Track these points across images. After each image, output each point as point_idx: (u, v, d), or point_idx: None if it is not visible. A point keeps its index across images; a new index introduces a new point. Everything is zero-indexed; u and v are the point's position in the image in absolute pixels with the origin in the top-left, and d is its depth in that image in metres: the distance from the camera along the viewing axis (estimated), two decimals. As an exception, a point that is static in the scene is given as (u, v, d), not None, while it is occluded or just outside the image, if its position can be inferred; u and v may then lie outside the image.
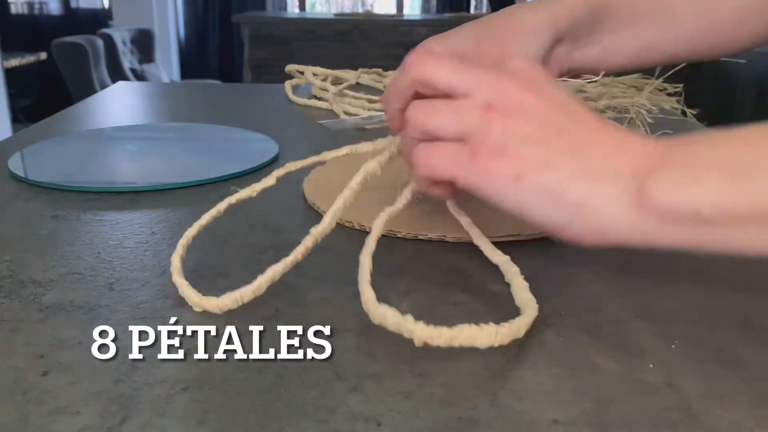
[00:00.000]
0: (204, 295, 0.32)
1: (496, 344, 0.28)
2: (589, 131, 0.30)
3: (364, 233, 0.41)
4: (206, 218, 0.36)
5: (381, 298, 0.32)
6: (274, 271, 0.32)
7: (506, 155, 0.29)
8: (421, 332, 0.27)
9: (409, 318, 0.27)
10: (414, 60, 0.33)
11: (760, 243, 0.27)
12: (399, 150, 0.36)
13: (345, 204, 0.34)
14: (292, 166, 0.38)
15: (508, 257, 0.35)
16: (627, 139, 0.30)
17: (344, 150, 0.37)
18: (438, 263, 0.37)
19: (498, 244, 0.39)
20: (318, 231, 0.33)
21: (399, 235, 0.40)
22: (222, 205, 0.36)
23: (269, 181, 0.37)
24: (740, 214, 0.26)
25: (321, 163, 0.38)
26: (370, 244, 0.32)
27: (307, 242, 0.33)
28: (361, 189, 0.35)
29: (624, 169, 0.29)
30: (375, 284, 0.30)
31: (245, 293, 0.31)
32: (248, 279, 0.34)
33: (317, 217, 0.43)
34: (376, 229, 0.34)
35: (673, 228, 0.28)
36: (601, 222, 0.29)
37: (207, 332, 0.29)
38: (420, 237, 0.39)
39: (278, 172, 0.37)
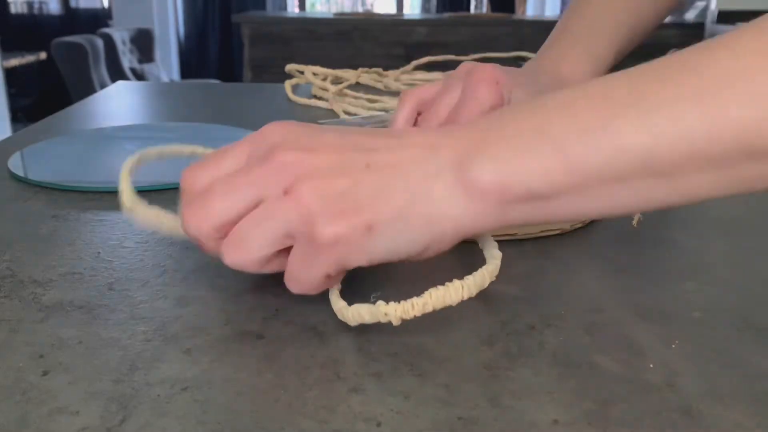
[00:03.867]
0: (204, 294, 0.32)
1: (465, 297, 0.28)
2: (394, 148, 0.28)
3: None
4: (170, 148, 0.38)
5: (380, 298, 0.32)
6: None
7: (339, 220, 0.26)
8: (395, 311, 0.27)
9: (381, 303, 0.28)
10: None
11: (596, 206, 0.27)
12: None
13: None
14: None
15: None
16: (441, 134, 0.29)
17: None
18: (438, 263, 0.37)
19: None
20: None
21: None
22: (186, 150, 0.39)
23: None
24: (571, 183, 0.26)
25: None
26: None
27: None
28: None
29: (445, 162, 0.27)
30: (375, 284, 0.31)
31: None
32: (248, 279, 0.34)
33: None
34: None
35: (516, 207, 0.27)
36: (448, 222, 0.28)
37: (207, 332, 0.29)
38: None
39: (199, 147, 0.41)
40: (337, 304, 0.30)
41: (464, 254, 0.34)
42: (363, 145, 0.28)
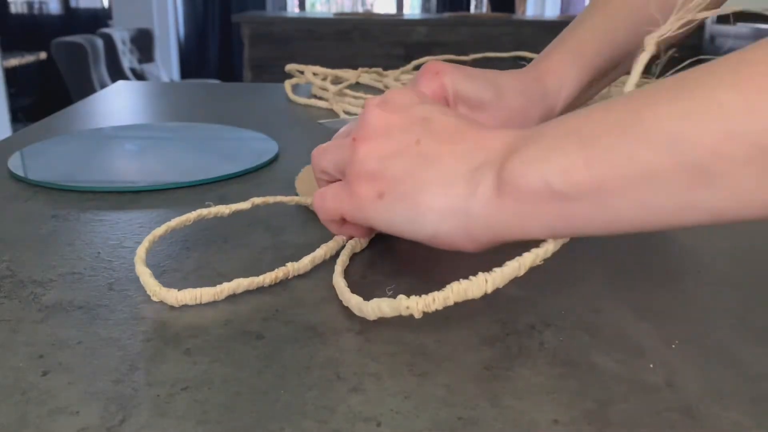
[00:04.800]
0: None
1: (489, 290, 0.28)
2: (447, 136, 0.30)
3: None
4: (176, 222, 0.37)
5: (381, 297, 0.32)
6: (239, 283, 0.32)
7: (370, 177, 0.30)
8: (416, 305, 0.28)
9: (402, 297, 0.28)
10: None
11: (628, 215, 0.25)
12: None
13: (325, 253, 0.36)
14: (271, 199, 0.40)
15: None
16: (488, 135, 0.29)
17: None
18: (438, 263, 0.37)
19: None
20: (294, 267, 0.34)
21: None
22: (192, 215, 0.37)
23: (245, 204, 0.38)
24: (590, 184, 0.24)
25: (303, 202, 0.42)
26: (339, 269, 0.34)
27: (278, 273, 0.34)
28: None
29: (480, 163, 0.28)
30: (375, 284, 0.31)
31: (205, 293, 0.31)
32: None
33: (315, 217, 0.43)
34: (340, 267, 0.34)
35: (534, 209, 0.26)
36: (464, 222, 0.28)
37: (207, 332, 0.29)
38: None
39: (257, 200, 0.39)
40: (352, 299, 0.30)
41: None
42: (430, 121, 0.31)
